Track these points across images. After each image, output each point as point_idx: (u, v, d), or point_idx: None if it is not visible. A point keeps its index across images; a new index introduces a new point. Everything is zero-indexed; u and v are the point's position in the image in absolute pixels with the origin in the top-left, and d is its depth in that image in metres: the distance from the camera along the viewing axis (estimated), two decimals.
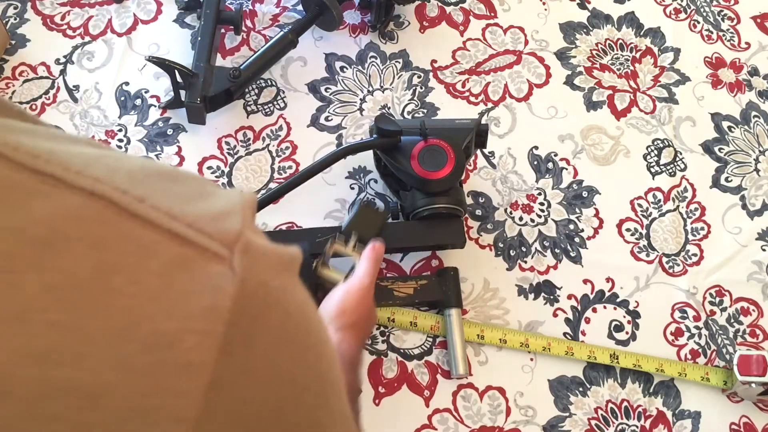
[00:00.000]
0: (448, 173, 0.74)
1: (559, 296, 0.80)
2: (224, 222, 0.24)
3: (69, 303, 0.20)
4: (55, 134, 0.25)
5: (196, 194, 0.25)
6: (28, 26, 0.90)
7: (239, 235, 0.24)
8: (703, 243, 0.84)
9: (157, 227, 0.22)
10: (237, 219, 0.25)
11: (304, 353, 0.29)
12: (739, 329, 0.80)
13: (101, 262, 0.21)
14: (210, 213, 0.24)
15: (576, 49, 0.94)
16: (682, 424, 0.76)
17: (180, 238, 0.23)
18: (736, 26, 0.97)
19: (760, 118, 0.91)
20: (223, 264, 0.23)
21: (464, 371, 0.74)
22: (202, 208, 0.24)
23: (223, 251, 0.23)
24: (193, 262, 0.23)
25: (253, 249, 0.25)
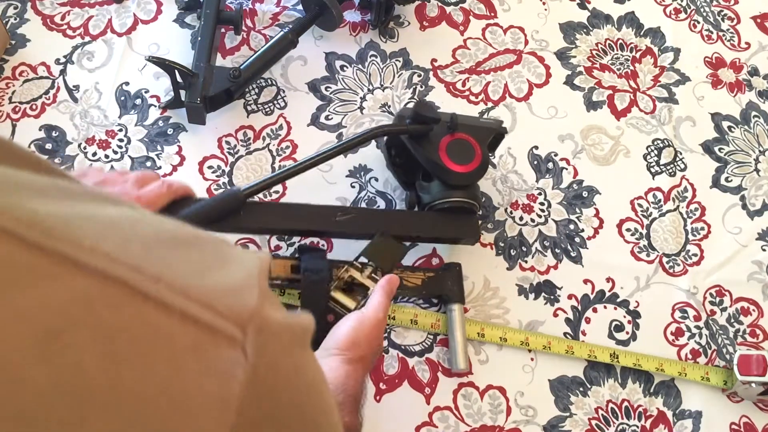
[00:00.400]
0: (475, 168, 0.74)
1: (560, 296, 0.80)
2: (240, 297, 0.23)
3: (76, 399, 0.19)
4: (70, 190, 0.23)
5: (213, 262, 0.24)
6: (28, 26, 0.90)
7: (254, 314, 0.23)
8: (704, 243, 0.84)
9: (170, 311, 0.21)
10: (254, 293, 0.24)
11: (313, 430, 0.29)
12: (740, 329, 0.80)
13: (111, 353, 0.20)
14: (226, 287, 0.23)
15: (576, 49, 0.94)
16: (682, 423, 0.76)
17: (193, 320, 0.22)
18: (736, 26, 0.97)
19: (760, 118, 0.91)
20: (236, 348, 0.23)
21: (465, 366, 0.74)
22: (218, 280, 0.23)
23: (236, 333, 0.23)
24: (206, 348, 0.22)
25: (267, 329, 0.24)
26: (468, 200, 0.75)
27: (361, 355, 0.61)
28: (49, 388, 0.18)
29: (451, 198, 0.74)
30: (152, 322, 0.21)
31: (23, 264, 0.19)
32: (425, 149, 0.74)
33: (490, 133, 0.78)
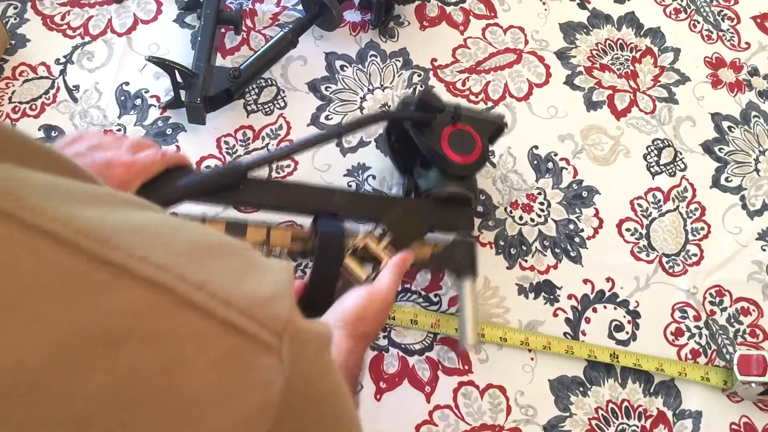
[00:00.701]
0: (474, 160, 0.74)
1: (560, 296, 0.80)
2: (274, 306, 0.24)
3: (132, 402, 0.20)
4: (106, 196, 0.24)
5: (247, 270, 0.25)
6: (28, 26, 0.90)
7: (287, 323, 0.25)
8: (703, 243, 0.84)
9: (213, 318, 0.22)
10: (286, 303, 0.25)
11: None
12: (739, 329, 0.80)
13: (162, 358, 0.21)
14: (261, 296, 0.24)
15: (576, 49, 0.94)
16: (682, 423, 0.75)
17: (234, 327, 0.23)
18: (736, 26, 0.97)
19: (760, 118, 0.91)
20: (273, 356, 0.24)
21: (473, 342, 0.72)
22: (253, 289, 0.24)
23: (273, 341, 0.24)
24: (246, 355, 0.23)
25: (299, 337, 0.25)
26: (465, 191, 0.75)
27: (365, 332, 0.61)
28: (108, 392, 0.19)
29: (448, 187, 0.74)
30: (197, 329, 0.22)
31: (84, 275, 0.20)
32: (427, 137, 0.74)
33: (491, 126, 0.78)
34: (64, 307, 0.19)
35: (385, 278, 0.65)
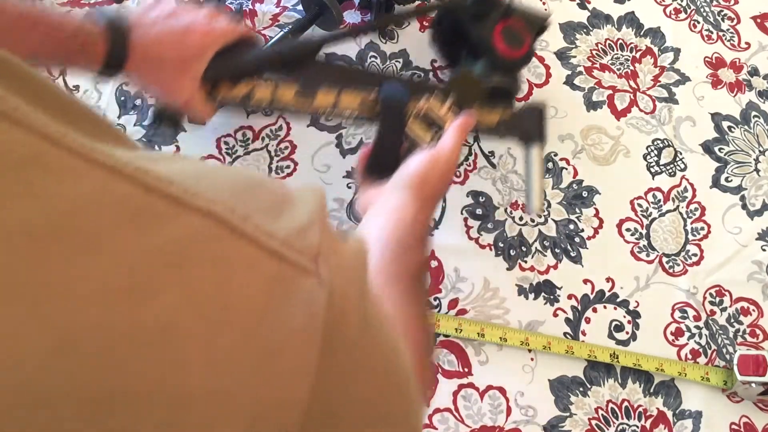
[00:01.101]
0: (522, 55, 0.77)
1: (559, 296, 0.80)
2: (308, 236, 0.27)
3: (201, 318, 0.22)
4: (156, 155, 0.27)
5: (280, 204, 0.27)
6: None
7: (320, 247, 0.27)
8: (703, 243, 0.84)
9: (259, 246, 0.24)
10: (316, 230, 0.27)
11: (381, 349, 0.32)
12: (739, 329, 0.80)
13: (220, 279, 0.23)
14: (296, 228, 0.26)
15: (576, 49, 0.94)
16: (682, 424, 0.76)
17: (278, 255, 0.25)
18: (736, 26, 0.97)
19: (760, 118, 0.91)
20: (312, 277, 0.26)
21: (539, 207, 0.75)
22: (289, 222, 0.27)
23: (311, 265, 0.26)
24: (290, 278, 0.25)
25: (333, 260, 0.27)
26: (508, 84, 0.78)
27: (430, 194, 0.62)
28: (181, 306, 0.22)
29: (493, 80, 0.77)
30: (247, 254, 0.24)
31: (148, 206, 0.22)
32: (482, 29, 0.76)
33: (539, 23, 0.80)
34: (135, 235, 0.21)
35: (447, 140, 0.66)
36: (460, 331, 0.77)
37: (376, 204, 0.62)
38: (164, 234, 0.22)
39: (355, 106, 0.73)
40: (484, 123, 0.75)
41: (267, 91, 0.71)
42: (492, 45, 0.76)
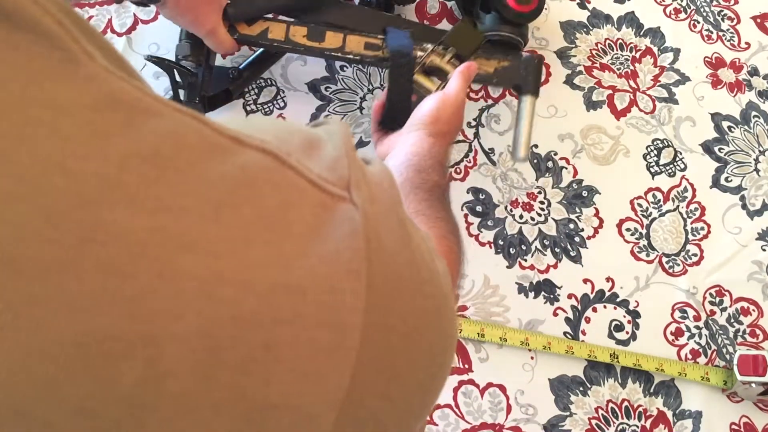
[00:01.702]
0: (532, 9, 0.80)
1: (559, 295, 0.80)
2: (338, 168, 0.29)
3: (268, 233, 0.25)
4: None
5: (311, 144, 0.30)
6: None
7: (350, 177, 0.29)
8: (703, 243, 0.84)
9: (304, 177, 0.27)
10: (345, 162, 0.30)
11: (419, 268, 0.33)
12: (739, 329, 0.80)
13: (282, 199, 0.26)
14: (327, 163, 0.29)
15: (576, 49, 0.94)
16: (682, 424, 0.75)
17: (318, 186, 0.28)
18: (736, 26, 0.97)
19: (760, 118, 0.91)
20: (348, 203, 0.28)
21: (525, 156, 0.78)
22: (321, 159, 0.29)
23: (345, 194, 0.28)
24: (330, 205, 0.28)
25: (364, 187, 0.30)
26: (517, 37, 0.82)
27: (443, 130, 0.66)
28: (252, 222, 0.25)
29: (502, 31, 0.81)
30: (297, 183, 0.27)
31: (216, 142, 0.25)
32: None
33: None
34: (214, 162, 0.25)
35: (453, 84, 0.70)
36: (460, 330, 0.76)
37: (394, 148, 0.67)
38: (234, 162, 0.25)
39: (361, 49, 0.78)
40: (481, 70, 0.79)
41: (281, 30, 0.78)
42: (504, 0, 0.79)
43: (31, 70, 0.22)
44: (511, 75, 0.80)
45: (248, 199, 0.25)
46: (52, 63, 0.22)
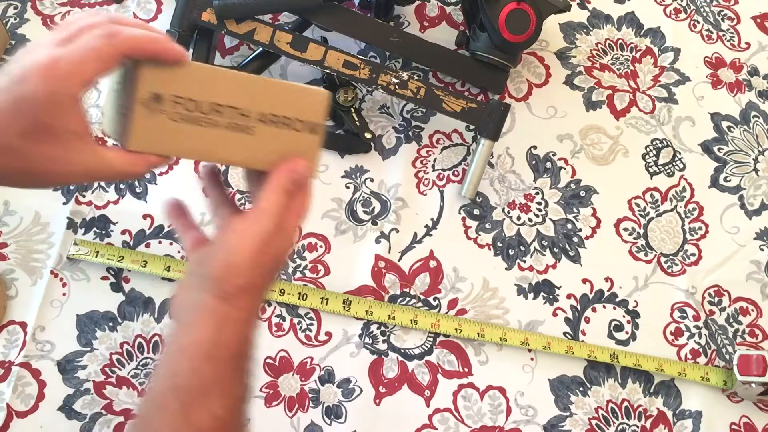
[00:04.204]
0: (523, 41, 0.82)
1: (559, 296, 0.80)
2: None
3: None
4: None
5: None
6: (28, 26, 0.90)
7: None
8: (702, 243, 0.84)
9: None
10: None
11: None
12: (739, 329, 0.80)
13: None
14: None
15: (576, 49, 0.94)
16: (682, 424, 0.76)
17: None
18: (736, 26, 0.97)
19: (759, 118, 0.91)
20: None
21: (470, 196, 0.82)
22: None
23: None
24: None
25: None
26: (506, 62, 0.84)
27: (242, 285, 0.45)
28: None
29: (493, 56, 0.83)
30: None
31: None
32: (490, 7, 0.81)
33: (553, 9, 0.84)
34: None
35: (265, 202, 0.46)
36: (460, 331, 0.77)
37: (172, 321, 0.48)
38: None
39: (339, 66, 0.80)
40: (449, 108, 0.81)
41: (267, 34, 0.79)
42: (495, 26, 0.80)
43: None
44: (475, 117, 0.82)
45: None
46: None
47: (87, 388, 0.73)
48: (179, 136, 0.45)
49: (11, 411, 0.71)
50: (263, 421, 0.73)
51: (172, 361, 0.44)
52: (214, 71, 0.46)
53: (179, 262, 0.77)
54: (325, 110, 0.49)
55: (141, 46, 0.42)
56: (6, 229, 0.78)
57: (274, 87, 0.47)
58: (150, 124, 0.44)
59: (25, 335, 0.74)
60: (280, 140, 0.48)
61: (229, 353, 0.44)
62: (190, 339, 0.44)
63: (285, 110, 0.47)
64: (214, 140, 0.46)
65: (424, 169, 0.85)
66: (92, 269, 0.77)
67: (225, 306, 0.44)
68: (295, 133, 0.48)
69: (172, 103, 0.44)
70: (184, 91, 0.45)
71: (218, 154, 0.47)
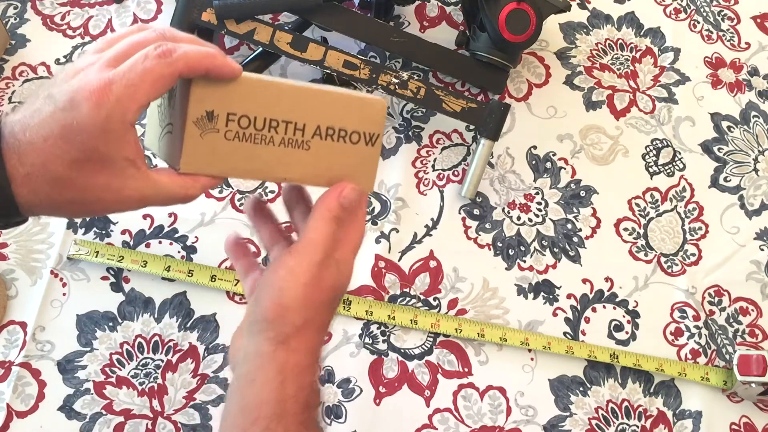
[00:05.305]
0: (523, 40, 0.82)
1: (559, 296, 0.80)
2: None
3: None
4: None
5: None
6: (28, 26, 0.90)
7: None
8: (702, 243, 0.84)
9: None
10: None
11: None
12: (739, 329, 0.80)
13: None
14: None
15: (576, 49, 0.94)
16: (682, 424, 0.76)
17: None
18: (736, 26, 0.97)
19: (759, 118, 0.91)
20: None
21: (470, 196, 0.82)
22: None
23: None
24: None
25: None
26: (506, 62, 0.85)
27: (301, 322, 0.43)
28: None
29: (493, 56, 0.84)
30: None
31: None
32: (490, 7, 0.81)
33: (554, 9, 0.84)
34: None
35: (312, 233, 0.45)
36: (460, 331, 0.77)
37: (232, 369, 0.46)
38: None
39: (339, 66, 0.80)
40: (449, 108, 0.81)
41: (266, 34, 0.79)
42: (495, 26, 0.80)
43: None
44: (475, 117, 0.82)
45: None
46: None
47: (87, 388, 0.73)
48: (233, 156, 0.43)
49: (11, 411, 0.71)
50: None
51: (239, 425, 0.42)
52: (269, 85, 0.43)
53: (179, 262, 0.77)
54: (384, 120, 0.47)
55: (197, 64, 0.39)
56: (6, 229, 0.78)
57: (330, 98, 0.45)
58: (203, 144, 0.42)
59: (25, 335, 0.74)
60: (337, 154, 0.46)
61: (297, 407, 0.43)
62: (258, 399, 0.42)
63: (342, 122, 0.45)
64: (268, 158, 0.44)
65: (424, 169, 0.85)
66: (92, 269, 0.77)
67: (283, 350, 0.42)
68: (352, 146, 0.46)
69: (226, 120, 0.42)
70: (238, 107, 0.42)
71: (274, 173, 0.45)
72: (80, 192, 0.39)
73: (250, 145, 0.43)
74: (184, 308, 0.76)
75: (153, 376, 0.74)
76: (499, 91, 0.88)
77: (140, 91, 0.38)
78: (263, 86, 0.43)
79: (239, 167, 0.44)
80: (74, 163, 0.38)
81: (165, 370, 0.74)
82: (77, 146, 0.37)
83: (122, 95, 0.37)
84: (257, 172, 0.45)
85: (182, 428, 0.72)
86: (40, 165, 0.37)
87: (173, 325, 0.76)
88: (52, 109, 0.37)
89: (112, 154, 0.38)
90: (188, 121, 0.41)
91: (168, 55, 0.38)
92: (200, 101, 0.41)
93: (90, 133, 0.37)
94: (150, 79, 0.38)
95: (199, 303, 0.77)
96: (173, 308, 0.76)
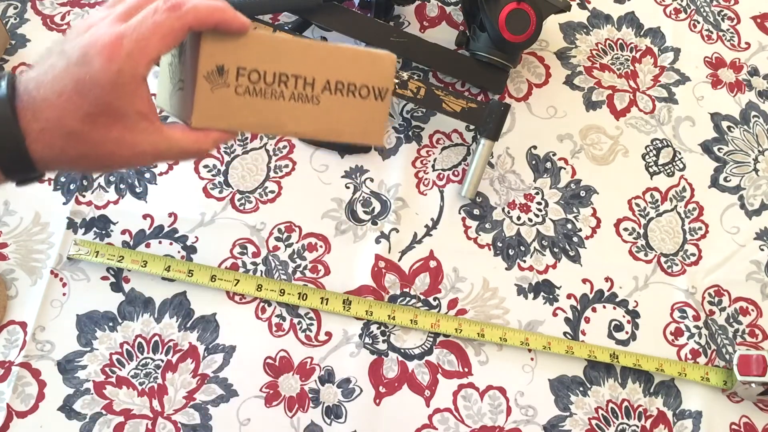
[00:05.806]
0: (523, 40, 0.82)
1: (559, 296, 0.80)
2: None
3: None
4: None
5: None
6: (28, 26, 0.90)
7: None
8: (702, 243, 0.84)
9: None
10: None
11: None
12: (739, 329, 0.80)
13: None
14: None
15: (576, 49, 0.94)
16: (682, 424, 0.76)
17: None
18: (736, 26, 0.97)
19: (759, 118, 0.91)
20: None
21: (470, 196, 0.82)
22: None
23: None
24: None
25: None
26: (506, 62, 0.85)
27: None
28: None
29: (492, 56, 0.84)
30: None
31: None
32: (490, 7, 0.81)
33: (554, 9, 0.84)
34: None
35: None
36: (460, 331, 0.77)
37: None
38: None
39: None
40: (449, 108, 0.81)
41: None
42: (495, 26, 0.80)
43: None
44: (475, 117, 0.82)
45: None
46: None
47: (87, 388, 0.73)
48: (244, 110, 0.44)
49: (11, 411, 0.71)
50: (263, 421, 0.73)
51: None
52: (278, 39, 0.44)
53: (179, 262, 0.77)
54: (393, 74, 0.48)
55: (207, 17, 0.40)
56: (6, 229, 0.78)
57: (340, 52, 0.46)
58: (214, 98, 0.42)
59: (25, 335, 0.74)
60: (346, 108, 0.47)
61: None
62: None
63: (351, 76, 0.46)
64: (279, 112, 0.45)
65: (424, 169, 0.85)
66: (92, 269, 0.77)
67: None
68: (362, 101, 0.47)
69: (236, 75, 0.43)
70: (249, 61, 0.43)
71: (284, 127, 0.46)
72: (94, 146, 0.40)
73: (261, 100, 0.44)
74: (184, 308, 0.76)
75: (153, 376, 0.74)
76: (499, 91, 0.88)
77: (151, 45, 0.38)
78: (273, 41, 0.44)
79: (250, 121, 0.44)
80: (88, 117, 0.39)
81: (165, 370, 0.74)
82: (90, 100, 0.38)
83: (133, 49, 0.38)
84: (267, 127, 0.46)
85: (182, 428, 0.72)
86: (55, 120, 0.38)
87: (173, 325, 0.76)
88: (65, 64, 0.38)
89: (124, 108, 0.39)
90: (199, 75, 0.41)
91: (177, 8, 0.39)
92: (210, 55, 0.41)
93: (102, 87, 0.38)
94: (160, 32, 0.38)
95: (199, 303, 0.77)
96: (173, 308, 0.76)
